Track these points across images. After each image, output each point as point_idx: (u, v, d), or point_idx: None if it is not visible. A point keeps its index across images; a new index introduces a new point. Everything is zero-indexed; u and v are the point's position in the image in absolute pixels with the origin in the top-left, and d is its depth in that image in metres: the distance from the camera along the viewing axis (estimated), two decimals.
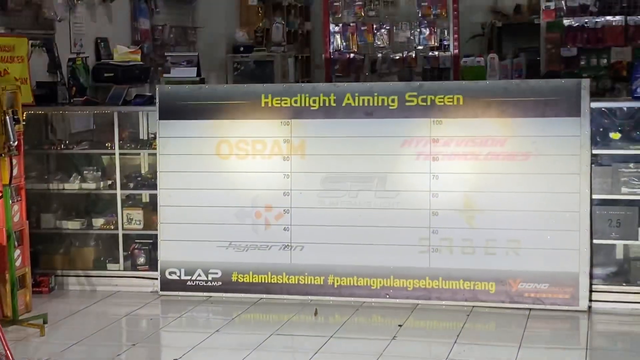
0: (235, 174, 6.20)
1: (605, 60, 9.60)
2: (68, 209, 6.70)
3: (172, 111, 6.26)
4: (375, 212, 5.98)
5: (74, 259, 6.56)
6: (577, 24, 9.64)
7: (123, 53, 7.79)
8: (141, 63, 7.88)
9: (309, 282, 6.07)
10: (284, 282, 6.11)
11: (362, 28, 7.90)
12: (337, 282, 6.03)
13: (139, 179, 6.59)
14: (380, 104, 5.97)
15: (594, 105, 5.68)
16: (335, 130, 6.05)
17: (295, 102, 6.09)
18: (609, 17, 9.49)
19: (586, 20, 9.60)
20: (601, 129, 5.74)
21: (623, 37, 9.47)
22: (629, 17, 9.45)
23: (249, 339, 5.27)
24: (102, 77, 7.61)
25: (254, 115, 6.16)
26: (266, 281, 6.13)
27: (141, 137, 6.78)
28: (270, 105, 6.13)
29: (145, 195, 6.64)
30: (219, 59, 10.35)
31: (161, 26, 9.37)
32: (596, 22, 9.57)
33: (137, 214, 6.49)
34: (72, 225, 6.58)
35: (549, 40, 9.95)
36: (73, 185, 6.59)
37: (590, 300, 5.65)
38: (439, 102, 5.87)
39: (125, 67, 7.61)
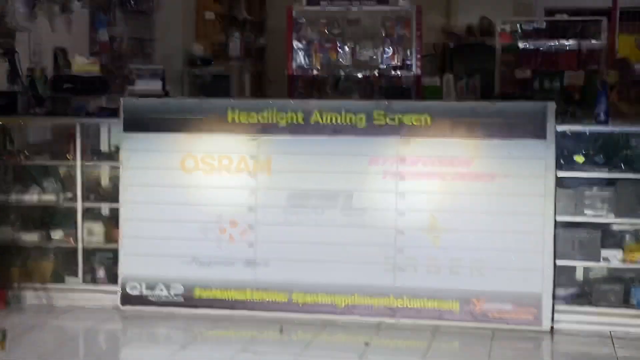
0: (200, 189, 6.15)
1: (558, 84, 9.80)
2: (26, 222, 6.56)
3: (137, 124, 6.18)
4: (341, 229, 5.98)
5: (32, 272, 6.41)
6: (531, 46, 9.83)
7: (82, 64, 7.68)
8: (100, 74, 7.78)
9: (273, 299, 6.04)
10: (247, 298, 6.06)
11: (326, 46, 7.93)
12: (302, 299, 6.01)
13: (100, 192, 6.48)
14: (348, 121, 5.98)
15: (560, 128, 5.78)
16: (302, 147, 6.05)
17: (263, 118, 6.07)
18: (563, 41, 9.70)
19: (541, 43, 9.80)
20: (566, 152, 5.84)
21: (576, 62, 9.69)
22: (582, 42, 9.67)
23: (215, 356, 5.22)
24: (60, 88, 7.49)
25: (220, 130, 6.12)
26: (230, 297, 6.08)
27: (102, 149, 6.67)
28: (237, 120, 6.10)
29: (105, 208, 6.53)
30: (175, 72, 10.26)
31: (119, 38, 9.27)
32: (550, 45, 9.77)
33: (98, 228, 6.38)
34: (30, 237, 6.44)
35: (504, 62, 10.14)
36: (32, 197, 6.45)
37: (553, 321, 5.72)
38: (407, 121, 5.91)
39: (84, 78, 7.49)
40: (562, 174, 5.78)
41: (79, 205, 6.37)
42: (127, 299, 6.16)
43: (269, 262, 6.06)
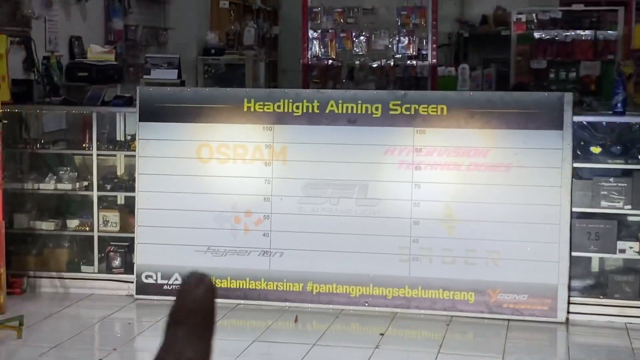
0: (215, 178, 6.15)
1: (574, 74, 9.74)
2: (42, 210, 6.59)
3: (152, 113, 6.19)
4: (356, 219, 5.98)
5: (48, 260, 6.45)
6: (547, 36, 9.77)
7: (97, 52, 7.70)
8: (115, 63, 7.80)
9: (288, 289, 6.05)
10: (262, 288, 6.07)
11: (341, 35, 7.91)
12: (316, 289, 6.01)
13: (116, 180, 6.50)
14: (363, 111, 5.97)
15: (576, 119, 5.76)
16: (317, 136, 6.04)
17: (279, 107, 6.07)
18: (579, 31, 9.64)
19: (556, 33, 9.73)
20: (582, 143, 5.81)
21: (592, 52, 9.62)
22: (598, 32, 9.60)
23: (230, 346, 5.22)
24: (75, 76, 7.52)
25: (236, 120, 6.12)
26: (244, 287, 6.09)
27: (118, 138, 6.69)
28: (252, 109, 6.10)
29: (121, 197, 6.56)
30: (189, 61, 10.26)
31: (134, 26, 9.27)
32: (566, 35, 9.71)
33: (113, 216, 6.40)
34: (46, 226, 6.47)
35: (519, 52, 10.08)
36: (48, 186, 6.48)
37: (568, 312, 5.71)
38: (423, 111, 5.89)
39: (100, 67, 7.52)
40: (578, 164, 5.75)
41: (95, 194, 6.39)
42: (142, 288, 6.18)
43: (284, 252, 6.06)
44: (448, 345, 5.28)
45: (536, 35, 9.75)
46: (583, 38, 9.60)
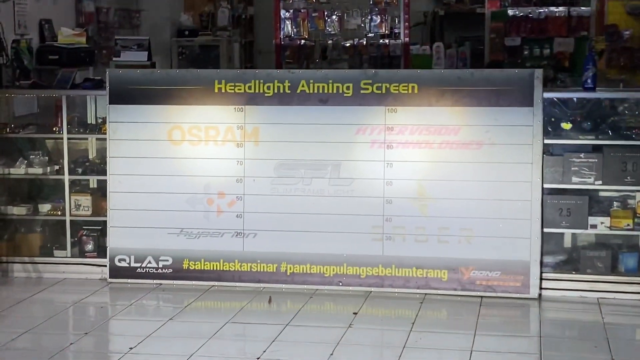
0: (187, 160, 6.12)
1: (547, 51, 9.74)
2: (13, 195, 6.54)
3: (122, 95, 6.14)
4: (329, 199, 5.98)
5: (20, 245, 6.41)
6: (521, 14, 9.76)
7: (68, 35, 7.63)
8: (86, 46, 7.74)
9: (262, 270, 6.04)
10: (236, 269, 6.07)
11: (313, 14, 7.86)
12: (290, 269, 6.01)
13: (87, 164, 6.46)
14: (335, 91, 5.96)
15: (547, 95, 5.76)
16: (289, 117, 6.02)
17: (249, 88, 6.04)
18: (552, 8, 9.63)
19: (530, 10, 9.72)
20: (553, 119, 5.82)
21: (565, 28, 9.62)
22: (571, 8, 9.60)
23: (203, 328, 5.22)
24: (46, 60, 7.47)
25: (207, 101, 6.09)
26: (218, 268, 6.08)
27: (89, 121, 6.64)
28: (223, 91, 6.07)
29: (93, 180, 6.52)
30: (163, 43, 10.20)
31: (106, 9, 9.19)
32: (539, 12, 9.70)
33: (85, 200, 6.37)
34: (17, 210, 6.43)
35: (493, 29, 10.06)
36: (19, 170, 6.43)
37: (541, 288, 5.74)
38: (394, 90, 5.88)
39: (70, 50, 7.46)
40: (549, 141, 5.77)
41: (66, 178, 6.35)
42: (115, 271, 6.16)
43: (257, 233, 6.05)
44: (421, 323, 5.30)
45: (510, 12, 9.74)
46: (557, 14, 9.59)
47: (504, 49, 9.90)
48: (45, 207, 6.43)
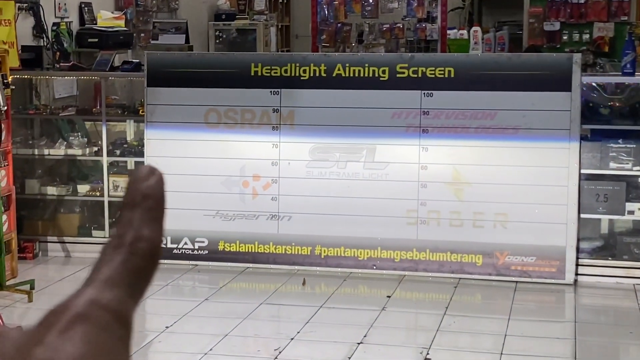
0: (223, 143, 6.17)
1: (587, 36, 9.65)
2: (53, 175, 6.64)
3: (160, 78, 6.19)
4: (364, 183, 5.99)
5: (59, 225, 6.50)
6: None
7: (107, 18, 7.71)
8: (125, 29, 7.81)
9: (296, 252, 6.08)
10: (270, 251, 6.11)
11: None
12: (324, 252, 6.04)
13: (125, 146, 6.53)
14: (370, 75, 5.95)
15: (585, 80, 5.71)
16: (324, 100, 6.03)
17: (285, 71, 6.06)
18: None
19: None
20: (591, 104, 5.77)
21: (606, 13, 9.52)
22: None
23: (239, 308, 5.27)
24: (85, 43, 7.54)
25: (243, 84, 6.12)
26: (253, 250, 6.13)
27: (127, 104, 6.71)
28: (260, 74, 6.09)
29: (130, 162, 6.59)
30: (200, 27, 10.25)
31: None
32: None
33: (123, 182, 6.43)
34: (57, 191, 6.52)
35: (532, 14, 9.99)
36: (58, 151, 6.52)
37: (577, 274, 5.71)
38: (430, 74, 5.87)
39: (109, 33, 7.54)
40: (587, 126, 5.72)
41: (105, 159, 6.43)
42: None
43: (292, 216, 6.08)
44: (454, 307, 5.30)
45: None
46: None
47: (542, 34, 9.83)
48: (83, 188, 6.52)
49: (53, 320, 0.49)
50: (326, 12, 7.95)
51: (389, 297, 5.48)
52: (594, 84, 5.77)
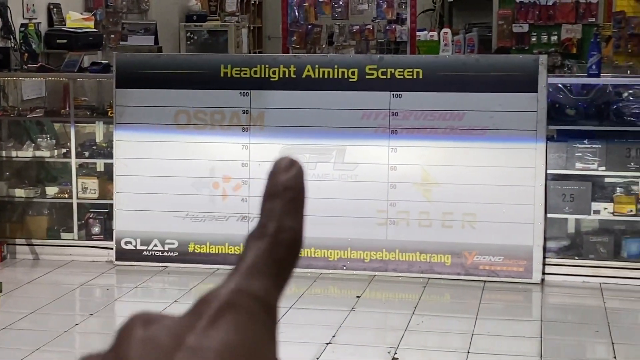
0: (193, 144, 6.16)
1: (555, 37, 9.74)
2: (21, 177, 6.60)
3: (129, 79, 6.18)
4: (334, 184, 6.01)
5: (27, 227, 6.47)
6: (528, 0, 9.76)
7: (76, 20, 7.69)
8: (94, 30, 7.79)
9: None
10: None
11: (320, 0, 7.88)
12: None
13: (94, 147, 6.51)
14: (340, 76, 5.98)
15: (551, 81, 5.78)
16: (294, 102, 6.05)
17: (255, 73, 6.07)
18: None
19: None
20: (557, 105, 5.84)
21: (574, 15, 9.62)
22: None
23: None
24: (54, 44, 7.52)
25: (213, 86, 6.12)
26: (223, 252, 6.13)
27: (96, 105, 6.69)
28: (229, 75, 6.10)
29: (100, 164, 6.57)
30: (171, 28, 10.23)
31: None
32: None
33: (92, 183, 6.42)
34: (25, 193, 6.48)
35: (501, 16, 10.07)
36: (26, 153, 6.48)
37: (544, 273, 5.77)
38: (399, 75, 5.90)
39: (79, 34, 7.51)
40: (553, 126, 5.78)
41: (73, 161, 6.40)
42: (121, 254, 6.21)
43: None
44: (423, 306, 5.34)
45: None
46: (565, 1, 9.59)
47: (512, 36, 9.91)
48: (52, 190, 6.49)
49: (203, 309, 0.51)
50: (297, 13, 7.98)
51: (358, 297, 5.51)
52: (560, 85, 5.84)
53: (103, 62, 6.69)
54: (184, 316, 0.51)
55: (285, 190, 0.54)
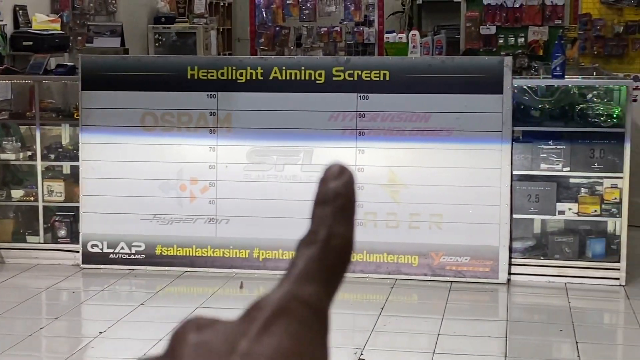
0: (160, 147, 6.14)
1: (522, 39, 9.80)
2: None
3: (95, 82, 6.15)
4: (301, 185, 6.01)
5: None
6: (495, 2, 9.82)
7: (42, 22, 7.64)
8: (61, 32, 7.74)
9: (234, 256, 6.08)
10: (208, 255, 6.10)
11: (288, 2, 7.89)
12: (263, 255, 6.05)
13: (60, 150, 6.47)
14: (307, 78, 5.99)
15: (516, 82, 5.82)
16: (261, 103, 6.05)
17: (222, 74, 6.06)
18: None
19: None
20: (522, 106, 5.88)
21: (540, 17, 9.69)
22: None
23: (174, 312, 5.25)
24: (20, 46, 7.47)
25: (179, 87, 6.11)
26: (191, 254, 6.11)
27: (62, 107, 6.65)
28: (196, 77, 6.09)
29: (66, 167, 6.53)
30: (140, 30, 10.19)
31: None
32: (514, 1, 9.76)
33: (58, 186, 6.37)
34: None
35: (469, 18, 10.12)
36: None
37: (510, 273, 5.81)
38: (366, 77, 5.92)
39: (45, 36, 7.47)
40: (518, 128, 5.82)
41: (39, 164, 6.36)
42: (88, 257, 6.18)
43: (230, 219, 6.09)
44: (390, 307, 5.36)
45: (485, 0, 9.79)
46: (531, 3, 9.66)
47: (479, 38, 9.96)
48: (17, 193, 6.44)
49: (256, 314, 0.52)
50: (264, 15, 7.97)
51: None
52: (525, 87, 5.88)
53: (69, 64, 6.65)
54: (237, 321, 0.52)
55: (336, 197, 0.55)
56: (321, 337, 0.52)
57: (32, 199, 6.38)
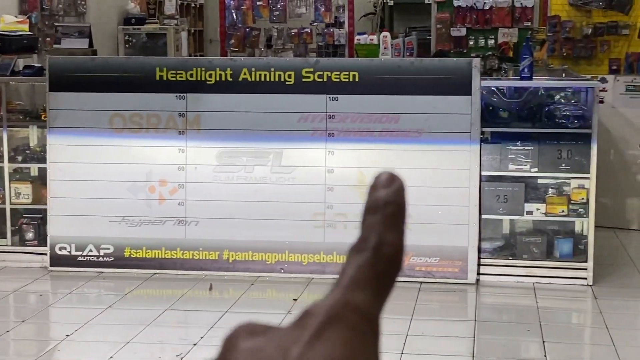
0: (128, 148, 6.11)
1: (492, 41, 9.85)
2: None
3: (63, 83, 6.11)
4: (271, 187, 6.01)
5: None
6: (466, 4, 9.85)
7: (10, 23, 7.55)
8: (29, 33, 7.66)
9: (204, 257, 6.06)
10: (178, 257, 6.07)
11: (258, 3, 7.87)
12: (232, 257, 6.04)
13: (28, 152, 6.41)
14: (277, 79, 5.98)
15: (484, 84, 5.85)
16: (231, 105, 6.04)
17: (191, 76, 6.04)
18: None
19: (475, 1, 9.82)
20: (490, 108, 5.91)
21: (510, 19, 9.74)
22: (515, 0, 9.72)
23: (143, 315, 5.22)
24: None
25: (148, 89, 6.08)
26: (160, 256, 6.08)
27: (30, 109, 6.59)
28: (165, 78, 6.06)
29: (33, 169, 6.47)
30: (110, 31, 10.12)
31: None
32: (484, 2, 9.81)
33: (26, 188, 6.32)
34: None
35: (439, 20, 10.15)
36: None
37: (479, 274, 5.84)
38: (335, 78, 5.93)
39: (12, 37, 7.38)
40: (487, 129, 5.85)
41: (6, 166, 6.30)
42: (56, 260, 6.13)
43: (200, 221, 6.06)
44: None
45: (455, 2, 9.83)
46: (501, 5, 9.70)
47: (450, 39, 9.99)
48: None
49: (308, 321, 0.51)
50: (234, 16, 7.96)
51: (295, 300, 5.51)
52: (493, 88, 5.91)
53: (36, 65, 6.59)
54: (289, 328, 0.52)
55: (386, 205, 0.55)
56: (373, 344, 0.52)
57: None
